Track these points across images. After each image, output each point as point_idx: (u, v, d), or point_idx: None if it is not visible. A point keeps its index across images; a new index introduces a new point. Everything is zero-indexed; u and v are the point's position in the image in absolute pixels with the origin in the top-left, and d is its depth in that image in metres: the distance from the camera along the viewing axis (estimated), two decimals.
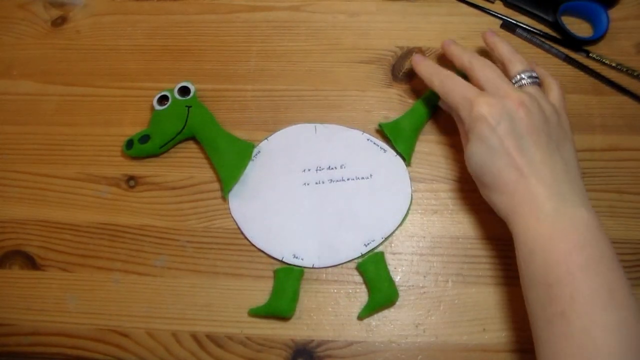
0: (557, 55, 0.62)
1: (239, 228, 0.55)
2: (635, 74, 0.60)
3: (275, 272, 0.53)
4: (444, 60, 0.59)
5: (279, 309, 0.51)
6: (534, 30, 0.63)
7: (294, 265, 0.53)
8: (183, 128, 0.57)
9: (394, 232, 0.54)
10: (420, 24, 0.65)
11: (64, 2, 0.67)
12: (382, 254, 0.53)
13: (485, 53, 0.56)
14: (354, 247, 0.54)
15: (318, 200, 0.55)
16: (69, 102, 0.62)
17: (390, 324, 0.52)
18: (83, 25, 0.66)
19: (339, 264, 0.54)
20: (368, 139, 0.58)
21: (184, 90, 0.59)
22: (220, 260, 0.54)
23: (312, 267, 0.53)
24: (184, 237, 0.55)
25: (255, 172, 0.57)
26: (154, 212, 0.56)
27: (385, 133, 0.56)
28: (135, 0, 0.67)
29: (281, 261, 0.54)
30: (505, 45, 0.52)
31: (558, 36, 0.63)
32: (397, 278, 0.53)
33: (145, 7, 0.67)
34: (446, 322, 0.51)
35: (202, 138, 0.58)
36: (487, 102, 0.45)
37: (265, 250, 0.54)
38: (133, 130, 0.59)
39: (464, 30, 0.64)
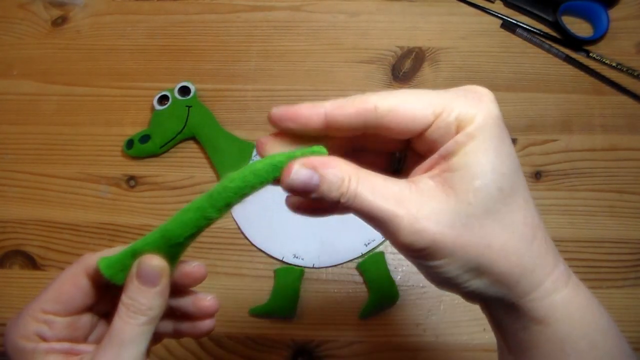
0: (557, 55, 0.62)
1: (239, 228, 0.55)
2: (635, 73, 0.60)
3: (276, 272, 0.53)
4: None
5: (279, 308, 0.51)
6: (534, 30, 0.63)
7: (295, 265, 0.53)
8: (183, 128, 0.57)
9: None
10: (420, 23, 0.65)
11: (64, 2, 0.67)
12: (382, 253, 0.53)
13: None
14: (354, 247, 0.54)
15: None
16: (69, 102, 0.62)
17: (390, 324, 0.52)
18: (83, 25, 0.66)
19: (339, 264, 0.54)
20: None
21: (184, 90, 0.59)
22: (220, 260, 0.54)
23: (313, 267, 0.53)
24: None
25: None
26: (154, 212, 0.56)
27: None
28: (135, 0, 0.67)
29: (281, 261, 0.54)
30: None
31: (558, 36, 0.63)
32: (397, 278, 0.53)
33: (145, 7, 0.67)
34: (446, 322, 0.51)
35: (202, 138, 0.58)
36: (486, 95, 0.27)
37: (266, 250, 0.54)
38: (133, 130, 0.59)
39: (464, 30, 0.64)
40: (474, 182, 0.25)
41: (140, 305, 0.28)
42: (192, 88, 0.59)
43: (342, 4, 0.66)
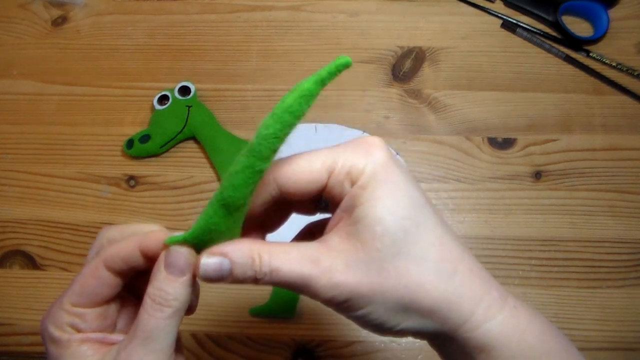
0: (558, 54, 0.62)
1: None
2: (635, 73, 0.60)
3: None
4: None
5: (279, 308, 0.51)
6: (534, 30, 0.63)
7: None
8: (183, 128, 0.57)
9: None
10: (420, 23, 0.65)
11: (64, 2, 0.67)
12: None
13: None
14: None
15: None
16: (69, 102, 0.62)
17: None
18: (83, 25, 0.66)
19: None
20: None
21: (185, 90, 0.59)
22: None
23: None
24: None
25: None
26: (154, 212, 0.56)
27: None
28: (135, 0, 0.67)
29: None
30: None
31: (558, 36, 0.63)
32: None
33: (145, 7, 0.67)
34: None
35: (202, 138, 0.58)
36: (375, 144, 0.29)
37: None
38: (133, 129, 0.59)
39: (465, 30, 0.64)
40: (376, 230, 0.26)
41: (167, 295, 0.27)
42: (192, 88, 0.59)
43: (342, 4, 0.66)
